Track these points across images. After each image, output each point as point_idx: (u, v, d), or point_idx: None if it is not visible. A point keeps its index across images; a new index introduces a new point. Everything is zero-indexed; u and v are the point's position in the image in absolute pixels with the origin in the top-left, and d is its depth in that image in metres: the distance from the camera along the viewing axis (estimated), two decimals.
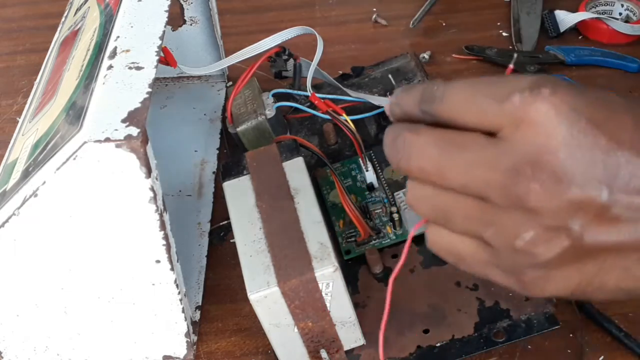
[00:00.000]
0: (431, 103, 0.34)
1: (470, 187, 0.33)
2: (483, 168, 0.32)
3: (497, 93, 0.32)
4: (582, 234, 0.31)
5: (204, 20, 0.65)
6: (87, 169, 0.39)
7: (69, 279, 0.44)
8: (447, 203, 0.34)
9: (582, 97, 0.31)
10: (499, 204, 0.32)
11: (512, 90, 0.32)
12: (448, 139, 0.33)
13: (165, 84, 0.69)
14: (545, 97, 0.31)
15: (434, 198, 0.34)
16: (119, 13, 0.48)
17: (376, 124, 0.60)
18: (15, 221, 0.41)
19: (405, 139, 0.34)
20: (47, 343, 0.47)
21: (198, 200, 0.58)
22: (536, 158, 0.31)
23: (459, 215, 0.34)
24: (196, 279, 0.53)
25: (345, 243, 0.52)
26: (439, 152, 0.33)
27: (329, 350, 0.45)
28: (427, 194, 0.35)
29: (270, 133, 0.56)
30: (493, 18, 0.72)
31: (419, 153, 0.34)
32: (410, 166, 0.34)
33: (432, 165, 0.33)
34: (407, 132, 0.34)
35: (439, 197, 0.34)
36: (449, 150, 0.33)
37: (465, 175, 0.33)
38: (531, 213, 0.31)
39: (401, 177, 0.54)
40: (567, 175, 0.30)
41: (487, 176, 0.32)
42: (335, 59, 0.68)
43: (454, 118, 0.34)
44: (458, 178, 0.33)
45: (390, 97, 0.37)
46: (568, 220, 0.31)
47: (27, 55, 0.75)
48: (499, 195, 0.32)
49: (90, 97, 0.42)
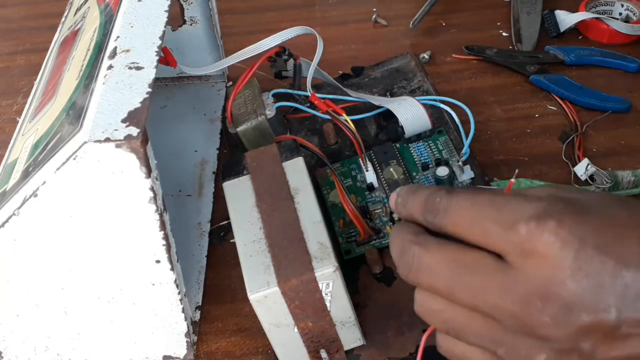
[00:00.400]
0: (435, 215, 0.35)
1: (481, 309, 0.33)
2: (493, 294, 0.33)
3: (501, 219, 0.33)
4: (594, 353, 0.32)
5: (204, 20, 0.65)
6: (87, 169, 0.39)
7: (69, 279, 0.44)
8: (457, 319, 0.34)
9: (587, 224, 0.32)
10: (510, 329, 0.33)
11: (518, 219, 0.32)
12: (457, 259, 0.34)
13: (165, 84, 0.69)
14: (551, 230, 0.31)
15: (444, 313, 0.35)
16: (119, 13, 0.48)
17: (376, 124, 0.60)
18: (15, 221, 0.41)
19: (414, 255, 0.35)
20: (47, 343, 0.47)
21: (198, 200, 0.58)
22: (545, 290, 0.31)
23: (469, 332, 0.34)
24: (196, 279, 0.53)
25: (345, 243, 0.52)
26: (447, 273, 0.34)
27: (329, 350, 0.45)
28: (436, 307, 0.35)
29: (270, 133, 0.56)
30: (493, 18, 0.72)
31: (429, 271, 0.34)
32: (420, 281, 0.35)
33: (442, 285, 0.34)
34: (416, 247, 0.35)
35: (449, 312, 0.35)
36: (458, 273, 0.34)
37: (475, 298, 0.33)
38: (542, 340, 0.32)
39: (401, 177, 0.54)
40: (577, 304, 0.31)
41: (497, 302, 0.33)
42: (335, 59, 0.68)
43: (459, 234, 0.34)
44: (468, 299, 0.33)
45: (394, 193, 0.38)
46: (579, 342, 0.32)
47: (27, 55, 0.75)
48: (509, 321, 0.33)
49: (90, 97, 0.42)
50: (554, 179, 0.56)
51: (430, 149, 0.56)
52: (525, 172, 0.57)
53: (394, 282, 0.50)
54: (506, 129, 0.61)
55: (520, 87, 0.65)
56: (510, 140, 0.60)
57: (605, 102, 0.61)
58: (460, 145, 0.56)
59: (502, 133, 0.60)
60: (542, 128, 0.60)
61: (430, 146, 0.56)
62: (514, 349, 0.33)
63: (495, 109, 0.63)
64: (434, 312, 0.35)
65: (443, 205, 0.35)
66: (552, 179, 0.56)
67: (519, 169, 0.57)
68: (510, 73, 0.66)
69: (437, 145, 0.56)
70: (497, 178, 0.55)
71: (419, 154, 0.56)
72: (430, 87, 0.62)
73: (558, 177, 0.56)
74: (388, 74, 0.65)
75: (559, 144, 0.59)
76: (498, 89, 0.64)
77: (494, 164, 0.57)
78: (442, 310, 0.35)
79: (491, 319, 0.33)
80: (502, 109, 0.63)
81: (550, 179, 0.56)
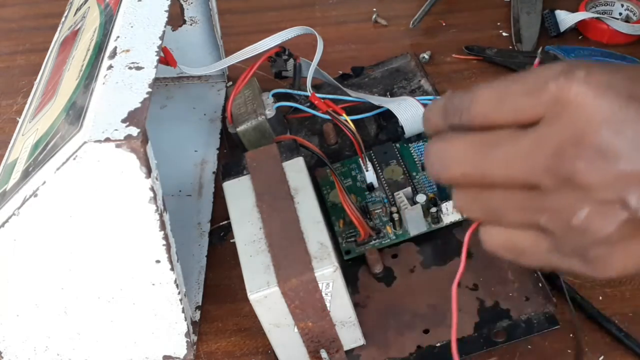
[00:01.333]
0: (459, 115, 0.34)
1: (515, 178, 0.32)
2: (524, 157, 0.32)
3: (529, 87, 0.32)
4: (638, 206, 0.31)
5: (204, 20, 0.65)
6: (87, 169, 0.39)
7: (69, 279, 0.44)
8: (496, 201, 0.34)
9: (617, 75, 0.31)
10: (548, 188, 0.32)
11: (546, 80, 0.31)
12: (480, 140, 0.33)
13: (165, 84, 0.68)
14: (581, 79, 0.31)
15: (482, 199, 0.34)
16: (119, 13, 0.48)
17: (376, 124, 0.60)
18: (15, 221, 0.41)
19: (438, 151, 0.35)
20: (47, 343, 0.47)
21: (198, 200, 0.58)
22: (578, 138, 0.30)
23: (510, 210, 0.34)
24: (196, 279, 0.53)
25: (345, 243, 0.52)
26: (474, 154, 0.33)
27: (329, 350, 0.45)
28: (474, 197, 0.35)
29: (270, 133, 0.56)
30: (493, 18, 0.72)
31: (456, 160, 0.34)
32: (451, 175, 0.34)
33: (472, 168, 0.33)
34: (438, 143, 0.35)
35: (487, 197, 0.34)
36: (484, 150, 0.33)
37: (507, 169, 0.32)
38: (582, 190, 0.31)
39: (401, 177, 0.54)
40: (613, 151, 0.30)
41: (529, 164, 0.32)
42: (335, 59, 0.68)
43: (488, 120, 0.33)
44: (500, 173, 0.33)
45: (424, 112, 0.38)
46: (621, 192, 0.30)
47: (27, 55, 0.75)
48: (546, 179, 0.32)
49: (90, 97, 0.42)
50: None
51: None
52: None
53: (394, 282, 0.50)
54: None
55: None
56: None
57: None
58: None
59: None
60: None
61: None
62: (555, 213, 0.32)
63: None
64: (472, 203, 0.35)
65: (465, 101, 0.34)
66: None
67: None
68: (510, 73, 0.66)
69: None
70: None
71: (419, 154, 0.56)
72: (430, 87, 0.62)
73: None
74: (388, 74, 0.65)
75: None
76: None
77: None
78: (479, 198, 0.34)
79: (527, 188, 0.32)
80: None
81: None
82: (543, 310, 0.46)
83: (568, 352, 0.46)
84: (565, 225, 0.32)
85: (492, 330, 0.46)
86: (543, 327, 0.45)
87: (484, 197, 0.34)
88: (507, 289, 0.48)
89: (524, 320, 0.46)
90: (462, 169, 0.34)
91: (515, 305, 0.47)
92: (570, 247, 0.33)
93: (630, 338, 0.46)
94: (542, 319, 0.46)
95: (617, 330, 0.46)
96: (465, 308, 0.47)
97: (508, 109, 0.33)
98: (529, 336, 0.45)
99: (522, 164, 0.32)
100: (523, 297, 0.47)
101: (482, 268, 0.42)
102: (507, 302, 0.47)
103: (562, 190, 0.31)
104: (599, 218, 0.31)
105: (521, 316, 0.46)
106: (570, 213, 0.32)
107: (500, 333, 0.46)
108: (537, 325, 0.45)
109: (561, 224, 0.32)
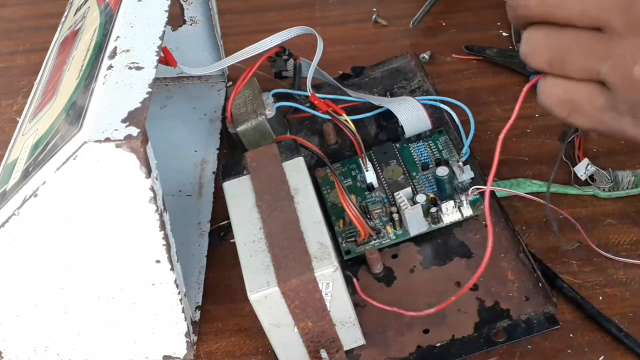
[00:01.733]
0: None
1: (589, 14, 0.33)
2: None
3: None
4: None
5: (204, 20, 0.65)
6: (87, 169, 0.39)
7: (69, 279, 0.44)
8: (564, 40, 0.35)
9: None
10: (618, 31, 0.33)
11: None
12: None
13: (165, 84, 0.69)
14: None
15: (552, 38, 0.35)
16: (119, 13, 0.48)
17: (376, 124, 0.60)
18: (15, 221, 0.41)
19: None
20: (47, 343, 0.47)
21: (198, 200, 0.58)
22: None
23: (576, 52, 0.35)
24: (196, 279, 0.53)
25: (345, 243, 0.52)
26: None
27: (329, 350, 0.45)
28: (545, 34, 0.36)
29: (270, 133, 0.56)
30: (493, 18, 0.72)
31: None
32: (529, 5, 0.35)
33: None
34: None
35: (557, 35, 0.35)
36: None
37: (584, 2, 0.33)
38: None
39: (401, 177, 0.54)
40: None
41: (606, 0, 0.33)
42: (335, 59, 0.68)
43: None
44: (577, 5, 0.34)
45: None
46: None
47: (27, 55, 0.75)
48: (617, 18, 0.33)
49: (90, 97, 0.42)
50: (554, 179, 0.56)
51: (430, 149, 0.56)
52: (525, 172, 0.57)
53: (394, 282, 0.50)
54: None
55: (520, 87, 0.64)
56: (510, 140, 0.60)
57: None
58: (460, 145, 0.56)
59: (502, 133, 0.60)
60: (542, 128, 0.60)
61: (430, 146, 0.56)
62: (619, 59, 0.33)
63: (495, 109, 0.63)
64: (541, 41, 0.36)
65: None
66: None
67: (519, 169, 0.57)
68: (510, 73, 0.66)
69: (437, 145, 0.56)
70: (497, 178, 0.55)
71: (419, 154, 0.56)
72: (430, 87, 0.62)
73: (558, 177, 0.56)
74: (388, 74, 0.65)
75: (559, 144, 0.59)
76: (498, 89, 0.64)
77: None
78: (549, 36, 0.35)
79: (597, 32, 0.34)
80: (502, 109, 0.63)
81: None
82: (543, 310, 0.46)
83: (568, 352, 0.46)
84: (626, 75, 0.33)
85: (492, 330, 0.46)
86: (543, 327, 0.45)
87: (554, 36, 0.35)
88: (507, 289, 0.48)
89: (524, 320, 0.46)
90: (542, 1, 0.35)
91: (515, 305, 0.47)
92: (625, 102, 0.34)
93: (630, 338, 0.46)
94: (542, 319, 0.46)
95: (617, 330, 0.46)
96: (465, 308, 0.47)
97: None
98: (529, 336, 0.45)
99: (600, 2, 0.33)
100: (523, 297, 0.47)
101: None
102: (507, 302, 0.47)
103: (628, 36, 0.33)
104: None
105: (521, 316, 0.46)
106: (632, 62, 0.33)
107: (500, 333, 0.46)
108: (537, 325, 0.45)
109: (622, 73, 0.33)
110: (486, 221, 0.37)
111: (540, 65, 0.37)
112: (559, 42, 0.35)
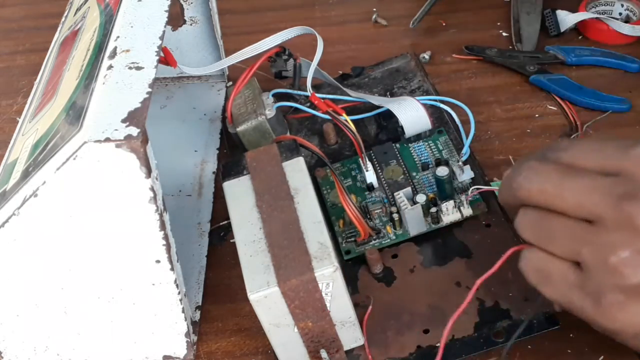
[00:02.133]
0: (555, 151, 0.40)
1: (583, 207, 0.37)
2: (600, 191, 0.36)
3: (620, 146, 0.38)
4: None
5: (204, 20, 0.65)
6: (87, 169, 0.39)
7: (69, 279, 0.44)
8: (555, 225, 0.38)
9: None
10: (607, 224, 0.36)
11: (635, 144, 0.37)
12: (568, 169, 0.38)
13: (165, 84, 0.69)
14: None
15: (544, 220, 0.39)
16: (119, 13, 0.48)
17: (376, 124, 0.60)
18: (15, 221, 0.41)
19: (530, 166, 0.39)
20: (47, 343, 0.47)
21: (198, 200, 0.58)
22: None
23: (563, 236, 0.38)
24: (196, 279, 0.53)
25: (345, 243, 0.52)
26: (560, 176, 0.38)
27: (329, 350, 0.45)
28: (539, 217, 0.39)
29: (270, 133, 0.56)
30: (493, 18, 0.72)
31: (543, 176, 0.39)
32: (532, 187, 0.39)
33: (553, 186, 0.38)
34: (533, 161, 0.40)
35: (549, 219, 0.38)
36: (569, 176, 0.38)
37: (582, 196, 0.37)
38: (635, 232, 0.35)
39: (401, 177, 0.54)
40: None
41: (603, 196, 0.36)
42: (335, 59, 0.68)
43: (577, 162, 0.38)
44: (575, 197, 0.37)
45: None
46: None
47: (27, 55, 0.75)
48: (610, 212, 0.36)
49: (90, 97, 0.42)
50: None
51: (430, 149, 0.56)
52: None
53: (394, 282, 0.50)
54: (506, 129, 0.61)
55: (520, 87, 0.65)
56: (510, 140, 0.60)
57: (605, 102, 0.61)
58: (460, 145, 0.56)
59: (502, 133, 0.60)
60: (542, 128, 0.60)
61: (430, 146, 0.56)
62: (600, 246, 0.36)
63: (495, 109, 0.63)
64: (534, 221, 0.39)
65: (565, 144, 0.40)
66: None
67: None
68: (510, 73, 0.66)
69: (437, 145, 0.56)
70: (497, 178, 0.55)
71: (419, 154, 0.56)
72: (430, 87, 0.62)
73: None
74: (388, 74, 0.65)
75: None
76: (498, 89, 0.64)
77: (494, 164, 0.57)
78: (542, 218, 0.39)
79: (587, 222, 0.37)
80: (502, 109, 0.63)
81: None
82: (543, 311, 0.46)
83: (568, 352, 0.46)
84: (602, 260, 0.36)
85: (492, 330, 0.46)
86: (543, 327, 0.45)
87: (547, 220, 0.39)
88: (507, 289, 0.47)
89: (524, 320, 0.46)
90: (545, 186, 0.38)
91: (515, 305, 0.47)
92: (593, 285, 0.37)
93: None
94: (542, 319, 0.46)
95: None
96: (465, 308, 0.47)
97: (596, 157, 0.38)
98: (529, 336, 0.45)
99: (596, 195, 0.36)
100: (523, 297, 0.47)
101: (482, 268, 0.42)
102: (507, 302, 0.47)
103: (616, 229, 0.36)
104: (634, 265, 0.35)
105: (521, 316, 0.46)
106: (611, 250, 0.35)
107: (500, 333, 0.46)
108: (537, 325, 0.45)
109: (598, 258, 0.36)
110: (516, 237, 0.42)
111: (530, 240, 0.40)
112: (550, 226, 0.38)
